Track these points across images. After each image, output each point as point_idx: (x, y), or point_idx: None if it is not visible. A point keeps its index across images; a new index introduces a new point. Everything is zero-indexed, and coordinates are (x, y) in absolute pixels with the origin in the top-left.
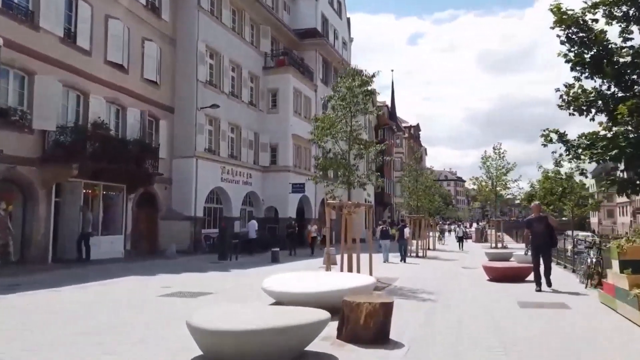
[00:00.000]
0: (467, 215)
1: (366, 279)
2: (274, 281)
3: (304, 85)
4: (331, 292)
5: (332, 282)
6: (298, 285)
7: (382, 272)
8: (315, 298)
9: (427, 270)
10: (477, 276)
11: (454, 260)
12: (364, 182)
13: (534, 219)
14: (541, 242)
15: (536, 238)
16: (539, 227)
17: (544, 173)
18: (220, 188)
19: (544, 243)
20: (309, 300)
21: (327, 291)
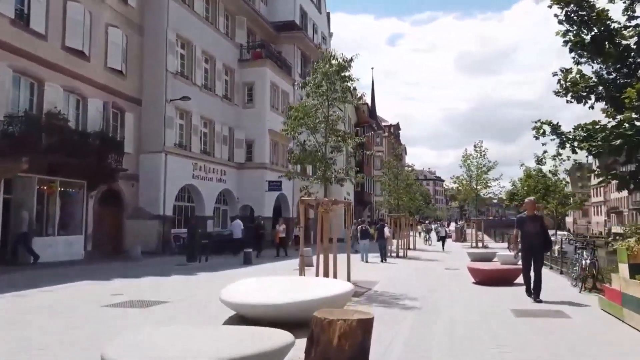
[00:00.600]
0: (446, 215)
1: (342, 286)
2: (235, 290)
3: (282, 80)
4: (300, 303)
5: (303, 289)
6: (263, 295)
7: (361, 275)
8: (281, 311)
9: (408, 271)
10: (461, 278)
11: (435, 261)
12: (342, 177)
13: (527, 218)
14: (534, 244)
15: (528, 240)
16: (533, 227)
17: (526, 171)
18: (191, 185)
19: (537, 246)
20: (274, 314)
21: (295, 302)
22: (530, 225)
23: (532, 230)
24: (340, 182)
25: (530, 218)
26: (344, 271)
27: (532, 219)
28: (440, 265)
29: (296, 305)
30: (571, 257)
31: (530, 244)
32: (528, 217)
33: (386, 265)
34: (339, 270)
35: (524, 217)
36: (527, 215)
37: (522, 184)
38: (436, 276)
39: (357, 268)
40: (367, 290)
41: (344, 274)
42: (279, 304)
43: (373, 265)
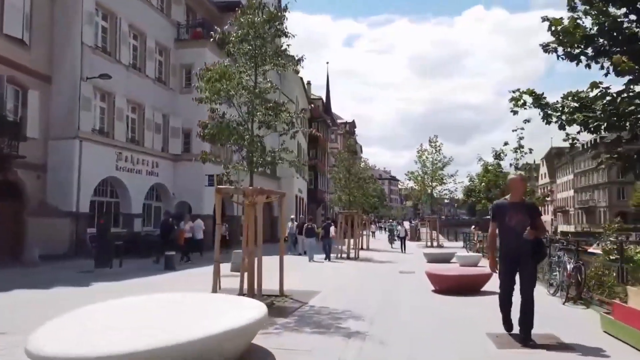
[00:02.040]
0: (400, 214)
1: (249, 314)
2: (57, 330)
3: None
4: (162, 349)
5: (180, 322)
6: (99, 338)
7: (301, 282)
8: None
9: (357, 277)
10: (419, 285)
11: (389, 263)
12: (274, 161)
13: (509, 206)
14: (521, 249)
15: (511, 239)
16: (519, 220)
17: (484, 166)
18: (115, 178)
19: (525, 251)
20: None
21: (151, 349)
22: (516, 217)
23: (517, 226)
24: (266, 167)
25: (515, 206)
26: (285, 278)
27: (518, 208)
28: (394, 268)
29: (155, 355)
30: (547, 259)
31: (515, 248)
32: (512, 205)
33: (334, 269)
34: (276, 277)
35: (504, 205)
36: (510, 202)
37: (480, 179)
38: (389, 283)
39: (299, 273)
40: (302, 304)
41: (276, 282)
42: (118, 355)
43: (318, 268)
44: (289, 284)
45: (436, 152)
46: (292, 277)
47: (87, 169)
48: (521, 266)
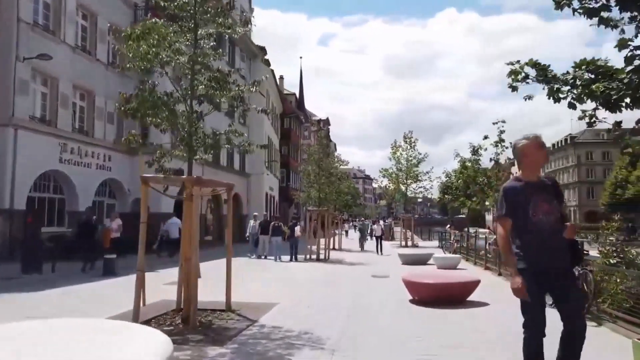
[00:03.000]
0: (374, 213)
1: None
2: None
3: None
4: None
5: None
6: None
7: (258, 290)
8: None
9: (324, 283)
10: (394, 294)
11: (361, 265)
12: (217, 144)
13: (527, 189)
14: (555, 255)
15: (539, 243)
16: (546, 210)
17: (461, 162)
18: (58, 172)
19: (561, 259)
20: None
21: None
22: (542, 206)
23: (546, 221)
24: (208, 151)
25: (537, 189)
26: (238, 286)
27: (542, 191)
28: (367, 272)
29: None
30: None
31: (546, 256)
32: (531, 188)
33: (299, 273)
34: (237, 285)
35: (520, 189)
36: (528, 183)
37: (457, 176)
38: (361, 290)
39: (258, 279)
40: (251, 323)
41: (236, 290)
42: None
43: (281, 271)
44: (244, 294)
45: (411, 148)
46: (250, 284)
47: (23, 161)
48: (558, 283)
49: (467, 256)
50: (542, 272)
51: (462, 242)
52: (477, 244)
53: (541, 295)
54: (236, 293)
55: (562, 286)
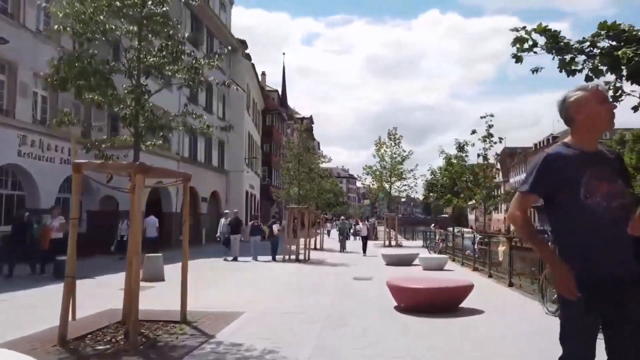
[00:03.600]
0: (358, 212)
1: None
2: None
3: None
4: None
5: None
6: None
7: (227, 295)
8: None
9: (301, 286)
10: (377, 299)
11: (342, 266)
12: (168, 125)
13: (581, 159)
14: (614, 255)
15: (595, 238)
16: (610, 191)
17: (446, 158)
18: (17, 167)
19: (629, 267)
20: None
21: None
22: (602, 185)
23: (608, 207)
24: (161, 133)
25: (596, 161)
26: (203, 291)
27: (603, 164)
28: (348, 273)
29: None
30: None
31: (606, 260)
32: (587, 158)
33: (275, 275)
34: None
35: (566, 156)
36: (581, 150)
37: (443, 173)
38: (340, 296)
39: (229, 281)
40: (205, 340)
41: (201, 296)
42: None
43: (256, 273)
44: (209, 301)
45: (395, 145)
46: (218, 289)
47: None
48: (616, 300)
49: (453, 256)
50: (594, 282)
51: (447, 242)
52: (464, 243)
53: (591, 317)
54: (200, 300)
55: (620, 305)
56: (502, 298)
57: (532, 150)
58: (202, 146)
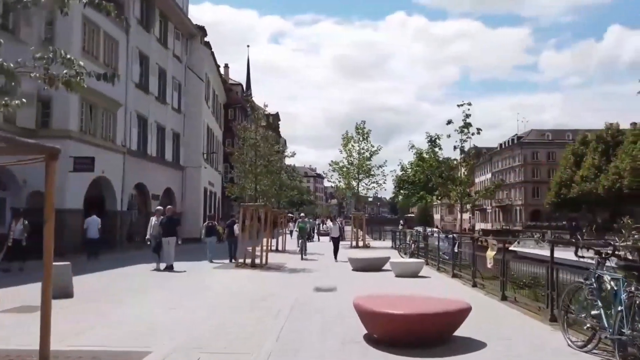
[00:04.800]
0: (326, 212)
1: None
2: None
3: (106, 20)
4: None
5: None
6: None
7: (135, 323)
8: None
9: (245, 304)
10: (342, 322)
11: (303, 272)
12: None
13: None
14: None
15: None
16: None
17: (417, 153)
18: None
19: None
20: None
21: None
22: None
23: None
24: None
25: None
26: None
27: None
28: (309, 282)
29: None
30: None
31: None
32: None
33: (219, 285)
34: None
35: None
36: None
37: (414, 169)
38: (294, 316)
39: (153, 298)
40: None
41: (103, 320)
42: None
43: (194, 283)
44: (107, 331)
45: (364, 139)
46: (132, 310)
47: None
48: None
49: (426, 259)
50: None
51: (419, 242)
52: (442, 245)
53: None
54: (100, 327)
55: None
56: (500, 319)
57: (497, 150)
58: (154, 138)
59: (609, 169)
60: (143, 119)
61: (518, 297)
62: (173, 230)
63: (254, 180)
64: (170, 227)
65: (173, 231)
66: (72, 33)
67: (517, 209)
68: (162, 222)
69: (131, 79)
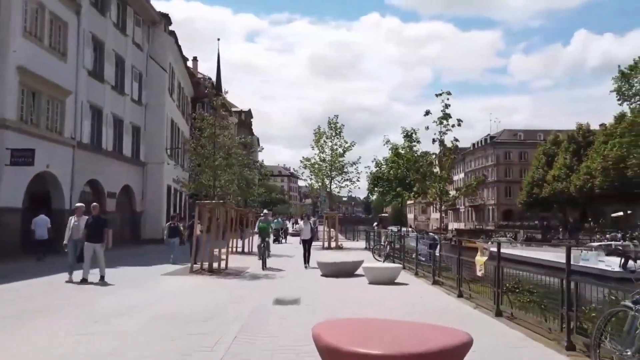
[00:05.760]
0: (300, 211)
1: None
2: None
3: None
4: None
5: None
6: None
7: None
8: None
9: (182, 326)
10: (302, 354)
11: (264, 279)
12: None
13: None
14: None
15: None
16: None
17: (392, 149)
18: None
19: None
20: None
21: None
22: None
23: None
24: None
25: None
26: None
27: None
28: (269, 291)
29: None
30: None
31: None
32: None
33: (164, 298)
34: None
35: None
36: None
37: (390, 165)
38: (232, 352)
39: (66, 314)
40: None
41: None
42: None
43: (149, 287)
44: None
45: (336, 135)
46: (36, 331)
47: None
48: None
49: (403, 262)
50: None
51: (395, 243)
52: (420, 247)
53: None
54: None
55: None
56: (503, 347)
57: (470, 150)
58: (110, 131)
59: (580, 168)
60: (97, 110)
61: (517, 313)
62: (100, 233)
63: (213, 175)
64: (96, 230)
65: (100, 235)
66: (11, 11)
67: (490, 209)
68: (87, 223)
69: (83, 66)
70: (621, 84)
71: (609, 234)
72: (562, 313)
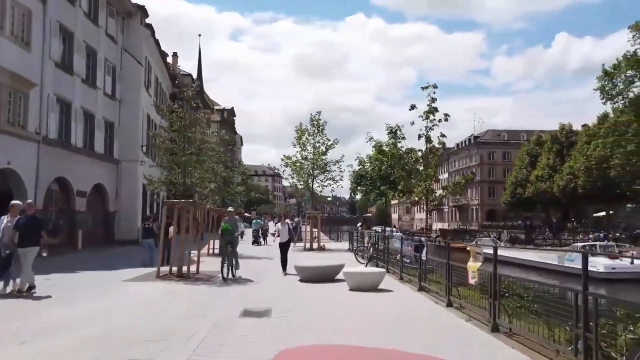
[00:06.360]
0: (284, 211)
1: None
2: None
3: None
4: None
5: None
6: None
7: None
8: None
9: (131, 344)
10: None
11: (235, 285)
12: None
13: None
14: None
15: None
16: None
17: (376, 146)
18: None
19: None
20: None
21: None
22: None
23: None
24: None
25: None
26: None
27: None
28: (239, 300)
29: None
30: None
31: None
32: None
33: (118, 310)
34: None
35: None
36: None
37: (373, 163)
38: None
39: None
40: None
41: None
42: None
43: (102, 296)
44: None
45: (319, 132)
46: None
47: None
48: None
49: (387, 265)
50: None
51: (378, 245)
52: (404, 248)
53: None
54: None
55: None
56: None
57: (454, 150)
58: (80, 126)
59: (564, 169)
60: (65, 104)
61: (517, 329)
62: (35, 236)
63: (182, 172)
64: (30, 232)
65: (35, 238)
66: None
67: (474, 209)
68: (18, 224)
69: (49, 57)
70: (605, 83)
71: (592, 234)
72: (577, 333)
